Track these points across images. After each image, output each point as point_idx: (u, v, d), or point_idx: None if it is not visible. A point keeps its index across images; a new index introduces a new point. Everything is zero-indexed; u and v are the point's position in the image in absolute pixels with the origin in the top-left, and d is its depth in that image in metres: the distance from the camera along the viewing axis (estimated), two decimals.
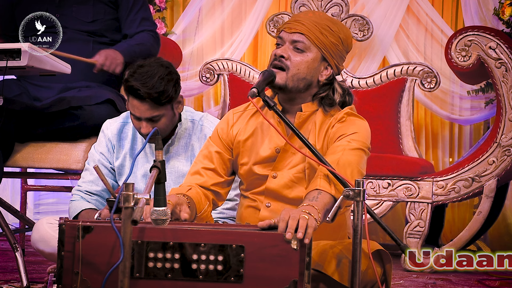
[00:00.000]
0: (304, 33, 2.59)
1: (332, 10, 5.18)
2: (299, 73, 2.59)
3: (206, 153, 2.73)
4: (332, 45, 2.62)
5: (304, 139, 2.49)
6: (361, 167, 2.55)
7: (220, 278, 2.18)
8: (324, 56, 2.61)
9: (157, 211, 2.22)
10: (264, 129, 2.70)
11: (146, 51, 4.00)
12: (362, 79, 5.14)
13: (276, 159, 2.65)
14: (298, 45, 2.59)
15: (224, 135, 2.74)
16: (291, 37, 2.60)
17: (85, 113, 3.78)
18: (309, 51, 2.60)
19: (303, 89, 2.62)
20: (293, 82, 2.59)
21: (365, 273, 2.47)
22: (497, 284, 4.10)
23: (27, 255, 4.40)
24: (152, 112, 3.03)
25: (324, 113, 2.65)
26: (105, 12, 4.03)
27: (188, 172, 2.74)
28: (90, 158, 3.29)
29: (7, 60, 3.40)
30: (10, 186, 5.72)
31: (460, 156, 5.32)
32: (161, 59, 3.08)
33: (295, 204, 2.61)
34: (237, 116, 2.76)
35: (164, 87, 3.00)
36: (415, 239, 4.48)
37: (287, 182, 2.64)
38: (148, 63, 3.03)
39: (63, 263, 2.20)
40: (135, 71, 3.02)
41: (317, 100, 2.66)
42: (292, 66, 2.58)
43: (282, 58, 2.59)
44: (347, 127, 2.60)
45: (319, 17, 2.63)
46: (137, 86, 2.98)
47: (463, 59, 4.54)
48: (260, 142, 2.69)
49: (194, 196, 2.57)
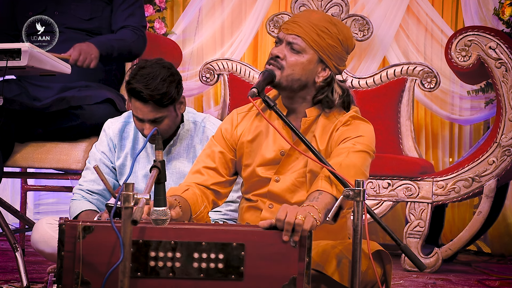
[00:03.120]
0: (300, 35, 2.60)
1: (332, 10, 5.18)
2: (293, 74, 2.60)
3: (208, 152, 2.73)
4: (330, 47, 2.61)
5: (306, 141, 2.49)
6: (364, 169, 2.55)
7: (221, 276, 2.18)
8: (321, 58, 2.61)
9: (157, 211, 2.22)
10: (269, 131, 2.69)
11: (125, 47, 3.93)
12: (362, 79, 5.14)
13: (280, 162, 2.66)
14: (293, 46, 2.60)
15: (228, 135, 2.74)
16: (288, 38, 2.61)
17: (85, 113, 3.78)
18: (305, 53, 2.60)
19: (297, 89, 2.62)
20: (287, 82, 2.60)
21: (365, 274, 2.47)
22: (497, 284, 4.10)
23: (27, 255, 4.40)
24: (155, 114, 3.02)
25: (325, 116, 2.66)
26: (103, 10, 4.02)
27: (190, 171, 2.74)
28: (91, 157, 3.28)
29: (7, 60, 3.40)
30: (10, 186, 5.72)
31: (460, 156, 5.32)
32: (162, 60, 3.07)
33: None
34: (242, 117, 2.76)
35: (167, 89, 2.99)
36: (415, 239, 4.48)
37: (289, 186, 2.65)
38: (150, 65, 3.02)
39: (63, 263, 2.20)
40: (137, 73, 3.01)
41: (318, 103, 2.67)
42: (287, 67, 2.59)
43: (278, 58, 2.60)
44: (352, 130, 2.61)
45: (317, 19, 2.63)
46: (140, 88, 2.98)
47: (463, 59, 4.54)
48: (264, 143, 2.69)
49: (190, 198, 2.57)
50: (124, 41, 3.94)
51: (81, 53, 3.75)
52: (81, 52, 3.75)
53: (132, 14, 4.02)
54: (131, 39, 3.96)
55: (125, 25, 3.99)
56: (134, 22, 4.01)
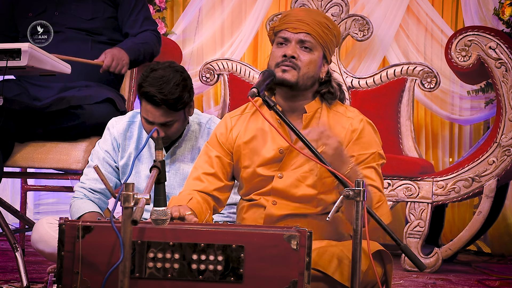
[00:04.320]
0: (310, 33, 2.63)
1: (332, 10, 5.18)
2: (309, 72, 2.64)
3: (205, 158, 2.74)
4: (331, 42, 2.68)
5: (306, 141, 2.50)
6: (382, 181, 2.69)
7: (220, 278, 2.18)
8: (325, 53, 2.68)
9: (157, 211, 2.22)
10: (265, 131, 2.70)
11: (149, 50, 4.02)
12: (362, 79, 5.14)
13: (283, 159, 2.66)
14: (306, 44, 2.64)
15: (223, 139, 2.74)
16: (298, 37, 2.63)
17: (85, 113, 3.78)
18: (316, 50, 2.66)
19: (309, 86, 2.67)
20: (303, 81, 2.64)
21: (366, 273, 2.47)
22: (497, 284, 4.10)
23: (27, 255, 4.40)
24: (166, 117, 3.02)
25: (328, 108, 2.69)
26: (104, 10, 4.03)
27: (189, 177, 2.74)
28: (94, 155, 3.27)
29: (7, 60, 3.40)
30: (10, 186, 5.72)
31: (460, 156, 5.32)
32: (174, 63, 3.06)
33: (302, 202, 2.64)
34: (235, 120, 2.77)
35: (180, 93, 2.99)
36: (415, 239, 4.48)
37: (293, 181, 2.66)
38: (162, 68, 3.01)
39: (63, 263, 2.20)
40: (148, 75, 2.99)
41: (318, 96, 2.69)
42: (303, 66, 2.63)
43: (293, 59, 2.61)
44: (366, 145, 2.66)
45: (318, 15, 2.68)
46: (153, 92, 2.97)
47: (463, 59, 4.53)
48: (262, 143, 2.70)
49: (195, 207, 2.57)
50: (148, 44, 4.02)
51: (113, 59, 3.80)
52: (114, 58, 3.81)
53: (147, 17, 4.12)
54: (153, 41, 4.06)
55: (146, 29, 4.06)
56: (151, 25, 4.11)
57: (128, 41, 3.99)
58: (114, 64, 3.81)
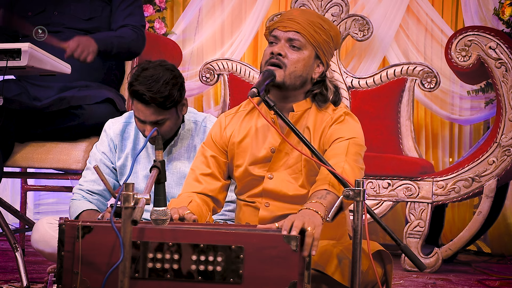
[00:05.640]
0: (299, 32, 2.61)
1: (332, 10, 5.18)
2: (296, 71, 2.61)
3: (202, 159, 2.74)
4: (325, 43, 2.65)
5: (302, 137, 2.50)
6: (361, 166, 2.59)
7: (220, 279, 2.17)
8: (318, 53, 2.64)
9: (157, 211, 2.22)
10: (258, 130, 2.70)
11: (124, 45, 3.91)
12: (362, 79, 5.14)
13: (271, 159, 2.66)
14: (294, 43, 2.61)
15: (217, 138, 2.74)
16: (287, 35, 2.62)
17: (85, 113, 3.78)
18: (305, 49, 2.62)
19: (298, 86, 2.64)
20: (290, 80, 2.61)
21: (366, 274, 2.47)
22: (497, 284, 4.10)
23: (27, 255, 4.40)
24: (157, 116, 3.02)
25: (318, 109, 2.67)
26: (102, 10, 4.02)
27: (186, 178, 2.74)
28: (92, 157, 3.28)
29: (7, 60, 3.40)
30: (10, 186, 5.72)
31: (460, 156, 5.32)
32: (165, 62, 3.06)
33: (295, 202, 2.62)
34: (230, 118, 2.77)
35: (169, 92, 2.99)
36: (415, 239, 4.48)
37: (283, 182, 2.65)
38: (153, 66, 3.01)
39: (63, 263, 2.20)
40: (139, 74, 3.00)
41: (310, 97, 2.68)
42: (290, 64, 2.60)
43: (280, 56, 2.60)
44: (345, 130, 2.61)
45: (311, 15, 2.66)
46: (142, 90, 2.97)
47: (463, 59, 4.54)
48: (255, 142, 2.69)
49: (195, 210, 2.57)
50: (124, 39, 3.92)
51: (79, 45, 3.71)
52: (80, 44, 3.71)
53: (131, 13, 4.01)
54: (130, 37, 3.95)
55: (125, 24, 3.98)
56: (134, 21, 4.01)
57: (101, 33, 3.92)
58: (80, 50, 3.70)
